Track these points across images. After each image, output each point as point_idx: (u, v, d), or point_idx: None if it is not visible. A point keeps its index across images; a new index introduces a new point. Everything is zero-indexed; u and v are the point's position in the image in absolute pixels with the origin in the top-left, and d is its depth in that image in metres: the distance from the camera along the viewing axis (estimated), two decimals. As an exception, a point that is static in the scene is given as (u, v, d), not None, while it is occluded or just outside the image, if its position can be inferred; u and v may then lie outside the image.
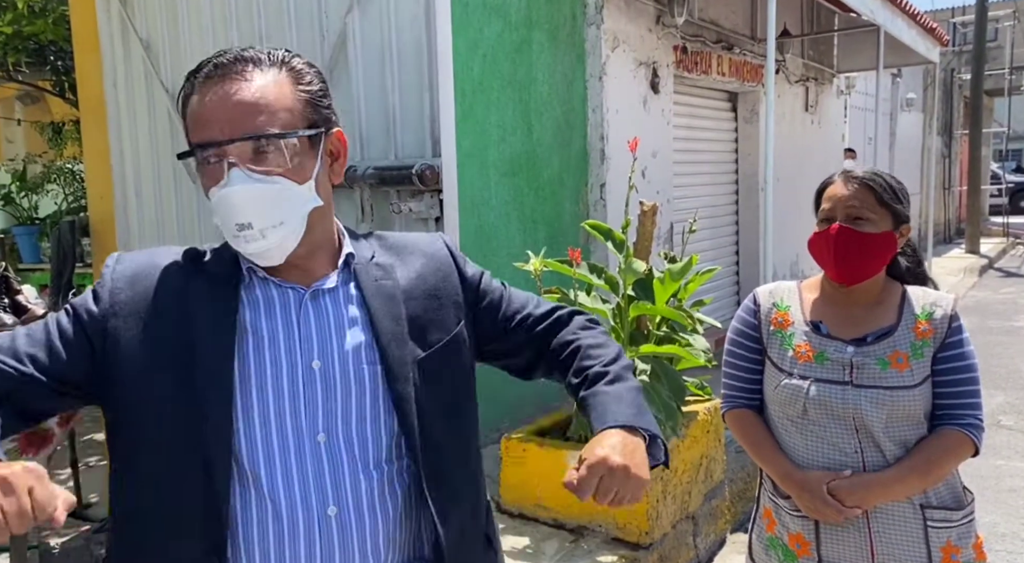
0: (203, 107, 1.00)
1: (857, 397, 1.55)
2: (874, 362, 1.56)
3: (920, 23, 7.58)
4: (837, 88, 9.24)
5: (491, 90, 4.30)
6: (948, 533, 1.56)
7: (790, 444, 1.64)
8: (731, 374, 1.74)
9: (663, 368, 3.11)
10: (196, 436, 0.97)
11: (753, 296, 1.74)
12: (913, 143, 13.67)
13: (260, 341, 1.01)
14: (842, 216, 1.56)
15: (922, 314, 1.58)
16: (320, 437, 1.00)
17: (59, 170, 5.52)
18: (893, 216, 1.58)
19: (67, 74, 5.07)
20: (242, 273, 1.05)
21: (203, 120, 1.00)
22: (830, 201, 1.60)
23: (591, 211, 5.01)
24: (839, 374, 1.58)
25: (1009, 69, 16.36)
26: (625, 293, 3.15)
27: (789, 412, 1.62)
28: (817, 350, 1.60)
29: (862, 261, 1.56)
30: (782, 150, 7.13)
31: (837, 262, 1.57)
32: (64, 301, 2.80)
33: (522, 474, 3.16)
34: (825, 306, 1.65)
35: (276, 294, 1.03)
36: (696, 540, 3.25)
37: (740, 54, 6.77)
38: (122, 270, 1.05)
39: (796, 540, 1.63)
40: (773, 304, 1.69)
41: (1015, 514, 3.67)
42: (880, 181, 1.59)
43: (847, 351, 1.58)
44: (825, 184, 1.65)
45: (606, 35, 4.96)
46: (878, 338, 1.58)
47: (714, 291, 6.67)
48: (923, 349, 1.55)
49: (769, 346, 1.67)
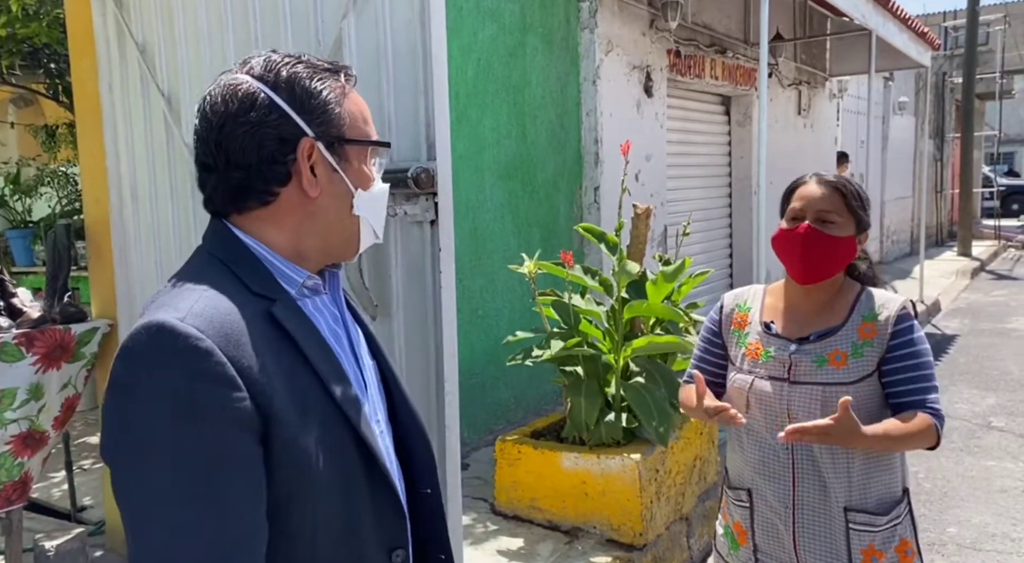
0: (366, 106, 1.03)
1: (791, 392, 1.62)
2: (811, 359, 1.61)
3: (911, 27, 7.64)
4: (830, 92, 9.30)
5: (485, 94, 4.32)
6: (871, 537, 1.60)
7: (736, 443, 1.74)
8: (694, 366, 1.84)
9: (658, 368, 3.13)
10: (354, 461, 0.95)
11: (721, 299, 1.83)
12: (905, 146, 13.74)
13: (339, 351, 1.00)
14: (812, 216, 1.61)
15: (868, 316, 1.62)
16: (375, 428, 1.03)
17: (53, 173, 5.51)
18: (857, 222, 1.63)
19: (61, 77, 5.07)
20: (286, 291, 0.96)
21: (369, 115, 1.03)
22: (801, 200, 1.63)
23: (585, 214, 5.03)
24: (778, 371, 1.64)
25: (1000, 73, 16.47)
26: (619, 295, 3.17)
27: (738, 407, 1.67)
28: (764, 348, 1.68)
29: (824, 262, 1.62)
30: (775, 153, 7.17)
31: (802, 261, 1.62)
32: (59, 304, 2.80)
33: (517, 476, 3.18)
34: (780, 306, 1.72)
35: (321, 305, 1.01)
36: (690, 541, 3.26)
37: (733, 58, 6.81)
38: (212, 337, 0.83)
39: (737, 528, 1.74)
40: (736, 305, 1.78)
41: (1005, 514, 3.70)
42: (850, 187, 1.64)
43: (789, 348, 1.64)
44: (796, 183, 1.68)
45: (600, 39, 4.99)
46: (820, 337, 1.63)
47: (708, 293, 6.69)
48: (864, 349, 1.59)
49: (729, 345, 1.77)
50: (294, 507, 0.88)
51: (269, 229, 0.97)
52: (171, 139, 2.54)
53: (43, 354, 2.60)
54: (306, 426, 0.88)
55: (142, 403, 0.80)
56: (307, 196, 0.95)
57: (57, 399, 2.69)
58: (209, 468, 0.80)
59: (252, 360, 0.85)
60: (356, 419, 0.94)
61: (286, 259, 0.97)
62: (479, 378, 4.28)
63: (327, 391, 0.92)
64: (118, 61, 2.70)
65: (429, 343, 1.87)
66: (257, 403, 0.84)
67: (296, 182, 0.94)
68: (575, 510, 3.06)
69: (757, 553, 1.70)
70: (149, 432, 0.80)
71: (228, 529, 0.80)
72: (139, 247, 2.76)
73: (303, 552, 0.91)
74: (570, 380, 3.13)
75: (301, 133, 0.93)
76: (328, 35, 1.96)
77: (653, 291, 3.13)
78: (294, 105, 0.94)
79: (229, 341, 0.84)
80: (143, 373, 0.81)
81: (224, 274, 0.92)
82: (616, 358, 3.12)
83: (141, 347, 0.82)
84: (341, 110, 0.97)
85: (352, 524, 0.95)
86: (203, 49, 2.35)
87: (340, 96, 0.97)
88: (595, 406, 3.06)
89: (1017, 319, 8.46)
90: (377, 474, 0.97)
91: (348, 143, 0.97)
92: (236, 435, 0.82)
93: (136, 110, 2.66)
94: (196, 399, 0.80)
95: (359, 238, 1.02)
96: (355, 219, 1.00)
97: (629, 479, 2.93)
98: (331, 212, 0.98)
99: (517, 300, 4.50)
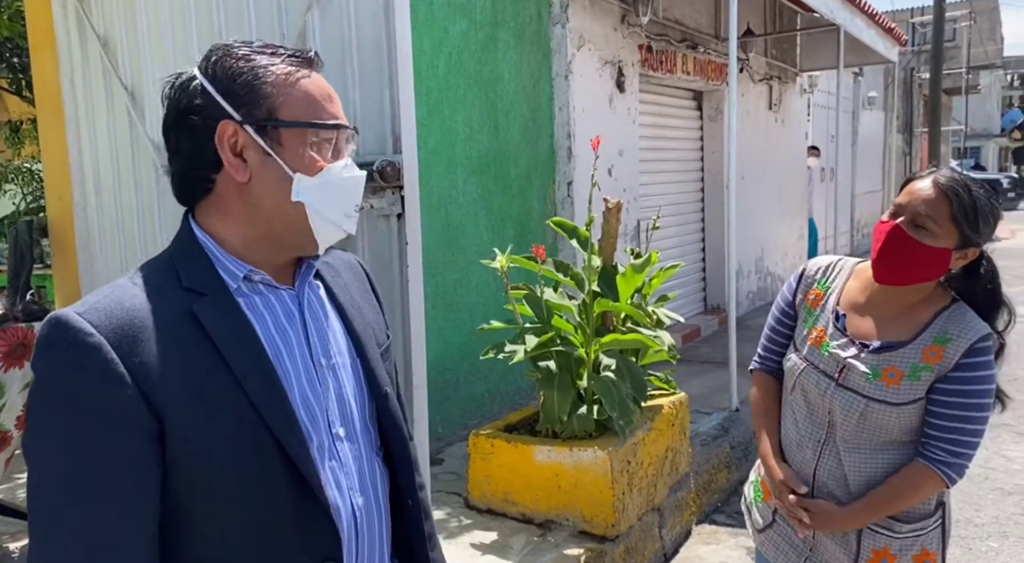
0: (320, 89, 0.96)
1: (836, 395, 1.58)
2: (866, 369, 1.55)
3: (879, 23, 7.75)
4: (800, 87, 9.41)
5: (457, 88, 4.31)
6: (887, 541, 1.58)
7: (787, 410, 1.73)
8: (766, 335, 1.81)
9: (626, 364, 3.15)
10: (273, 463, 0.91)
11: (804, 266, 1.75)
12: (875, 141, 13.96)
13: (284, 350, 0.96)
14: (908, 216, 1.49)
15: (940, 338, 1.51)
16: (339, 431, 1.00)
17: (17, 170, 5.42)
18: (960, 235, 1.47)
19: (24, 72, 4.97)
20: (226, 283, 0.94)
21: (331, 100, 0.97)
22: (908, 196, 1.51)
23: (559, 209, 5.04)
24: (831, 368, 1.60)
25: (966, 68, 16.80)
26: (590, 289, 3.18)
27: (786, 384, 1.71)
28: (826, 340, 1.62)
29: (903, 267, 1.50)
30: (746, 148, 7.25)
31: (880, 259, 1.53)
32: (22, 301, 2.75)
33: (490, 470, 3.18)
34: (859, 299, 1.62)
35: (273, 299, 0.98)
36: (662, 532, 3.29)
37: (704, 53, 6.86)
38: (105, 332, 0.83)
39: (764, 485, 1.78)
40: (815, 280, 1.70)
41: (969, 500, 3.78)
42: (965, 198, 1.46)
43: (848, 351, 1.58)
44: (915, 175, 1.56)
45: (571, 34, 5.00)
46: (882, 349, 1.55)
47: (680, 287, 6.76)
48: (922, 372, 1.50)
49: (798, 317, 1.73)
50: (197, 506, 0.88)
51: (216, 220, 0.96)
52: (135, 133, 2.51)
53: (5, 352, 2.56)
54: (210, 425, 0.87)
55: (39, 392, 0.84)
56: (238, 182, 0.93)
57: (20, 398, 2.65)
58: (88, 463, 0.82)
59: (148, 357, 0.85)
60: (274, 420, 0.90)
61: (228, 252, 0.95)
62: (453, 373, 4.28)
63: (243, 392, 0.89)
64: (79, 55, 2.66)
65: (397, 337, 1.86)
66: (149, 400, 0.84)
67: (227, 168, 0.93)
68: (548, 503, 3.07)
69: (776, 515, 1.74)
70: (41, 419, 0.83)
71: (97, 527, 0.81)
72: (103, 243, 2.72)
73: (212, 551, 0.89)
74: (543, 374, 3.14)
75: (224, 116, 0.92)
76: (292, 28, 1.94)
77: (623, 284, 3.15)
78: (220, 87, 0.92)
79: (124, 337, 0.84)
80: (40, 363, 0.84)
81: (162, 269, 0.93)
82: (588, 352, 3.14)
83: (41, 339, 0.85)
84: (275, 91, 0.93)
85: (271, 529, 0.91)
86: (166, 42, 2.32)
87: (280, 78, 0.93)
88: (567, 399, 3.08)
89: (983, 310, 8.64)
90: (302, 481, 0.92)
91: (282, 125, 0.93)
92: (119, 431, 0.83)
93: (99, 104, 2.62)
94: (79, 392, 0.82)
95: (311, 228, 0.96)
96: (298, 207, 0.94)
97: (601, 471, 2.95)
98: (267, 199, 0.94)
99: (491, 295, 4.50)
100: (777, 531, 1.74)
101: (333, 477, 0.97)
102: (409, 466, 1.11)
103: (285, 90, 0.94)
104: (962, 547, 3.29)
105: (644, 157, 6.05)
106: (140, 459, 0.84)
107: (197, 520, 0.88)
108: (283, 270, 1.01)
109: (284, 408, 0.92)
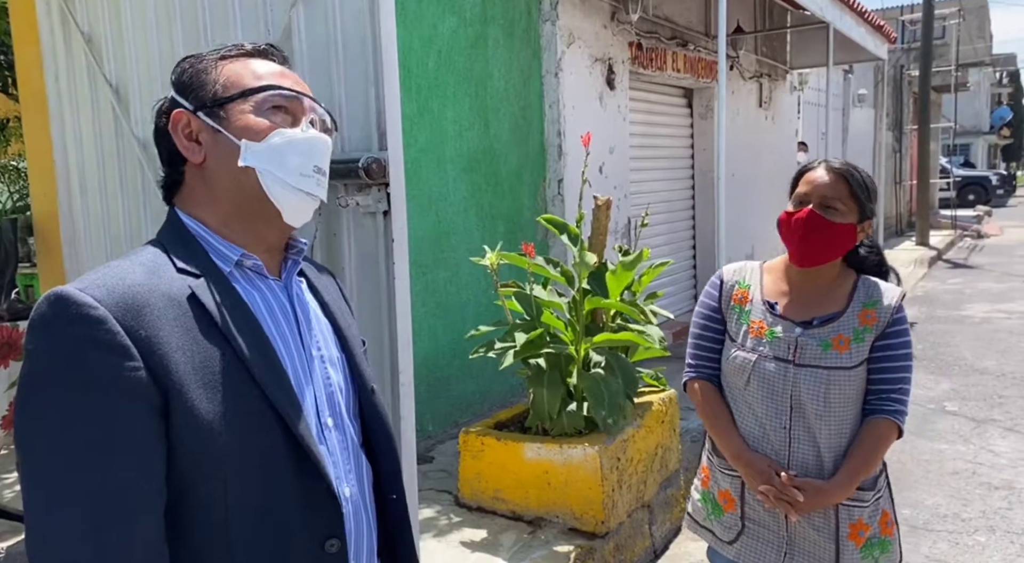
0: (268, 68, 1.02)
1: (797, 375, 1.66)
2: (816, 343, 1.66)
3: (868, 20, 7.78)
4: (790, 84, 9.43)
5: (447, 86, 4.30)
6: (860, 512, 1.67)
7: (732, 412, 1.77)
8: (695, 344, 1.85)
9: (617, 360, 3.15)
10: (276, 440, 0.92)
11: (719, 273, 1.85)
12: (865, 138, 14.01)
13: (278, 336, 0.98)
14: (816, 201, 1.64)
15: (868, 302, 1.68)
16: (328, 421, 1.01)
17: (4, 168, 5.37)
18: (860, 210, 1.66)
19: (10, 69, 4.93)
20: (219, 267, 0.96)
21: (274, 74, 1.02)
22: (808, 185, 1.67)
23: (549, 206, 5.04)
24: (784, 352, 1.68)
25: (956, 66, 16.87)
26: (580, 286, 3.18)
27: (736, 382, 1.74)
28: (768, 327, 1.71)
29: (822, 247, 1.65)
30: (736, 145, 7.26)
31: (801, 244, 1.66)
32: (7, 300, 2.73)
33: (480, 468, 3.18)
34: (782, 287, 1.75)
35: (264, 287, 1.00)
36: (652, 528, 3.30)
37: (695, 51, 6.87)
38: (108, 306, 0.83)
39: (724, 496, 1.78)
40: (736, 282, 1.80)
41: (956, 495, 3.80)
42: (857, 176, 1.66)
43: (794, 331, 1.68)
44: (805, 168, 1.72)
45: (561, 31, 4.99)
46: (824, 322, 1.68)
47: (671, 284, 6.77)
48: (864, 335, 1.65)
49: (728, 320, 1.79)
50: (200, 484, 0.88)
51: (194, 206, 1.00)
52: (120, 131, 2.49)
53: (-11, 352, 2.54)
54: (215, 401, 0.87)
55: (37, 369, 0.82)
56: (196, 165, 0.99)
57: (5, 398, 2.63)
58: (94, 438, 0.80)
59: (153, 332, 0.85)
60: (277, 398, 0.92)
61: (219, 235, 0.98)
62: (443, 371, 4.27)
63: (246, 369, 0.91)
64: (63, 51, 2.64)
65: (383, 334, 1.86)
66: (155, 375, 0.84)
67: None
68: (538, 500, 3.07)
69: (745, 520, 1.74)
70: (41, 397, 0.81)
71: (105, 501, 0.80)
72: (89, 241, 2.70)
73: (216, 529, 0.89)
74: (533, 371, 3.14)
75: (177, 108, 1.00)
76: (277, 24, 1.93)
77: (613, 281, 3.15)
78: (177, 89, 1.02)
79: (128, 311, 0.84)
80: (39, 340, 0.83)
81: (155, 254, 0.95)
82: (578, 349, 3.14)
83: (39, 315, 0.84)
84: (215, 75, 1.00)
85: (274, 507, 0.92)
86: (151, 38, 2.30)
87: (223, 64, 1.01)
88: (557, 396, 3.07)
89: (972, 306, 8.70)
90: (304, 458, 0.94)
91: (223, 102, 0.98)
92: (125, 404, 0.82)
93: (83, 101, 2.60)
94: (85, 366, 0.81)
95: (268, 196, 0.98)
96: (248, 172, 0.97)
97: (591, 468, 2.95)
98: (222, 172, 0.98)
99: (482, 293, 4.49)
100: (749, 536, 1.74)
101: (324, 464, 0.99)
102: (395, 460, 1.12)
103: (227, 71, 1.00)
104: (949, 542, 3.31)
105: (635, 155, 6.06)
106: (149, 433, 0.83)
107: (201, 498, 0.88)
108: (270, 261, 1.03)
109: (286, 386, 0.94)
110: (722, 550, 1.80)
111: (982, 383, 5.70)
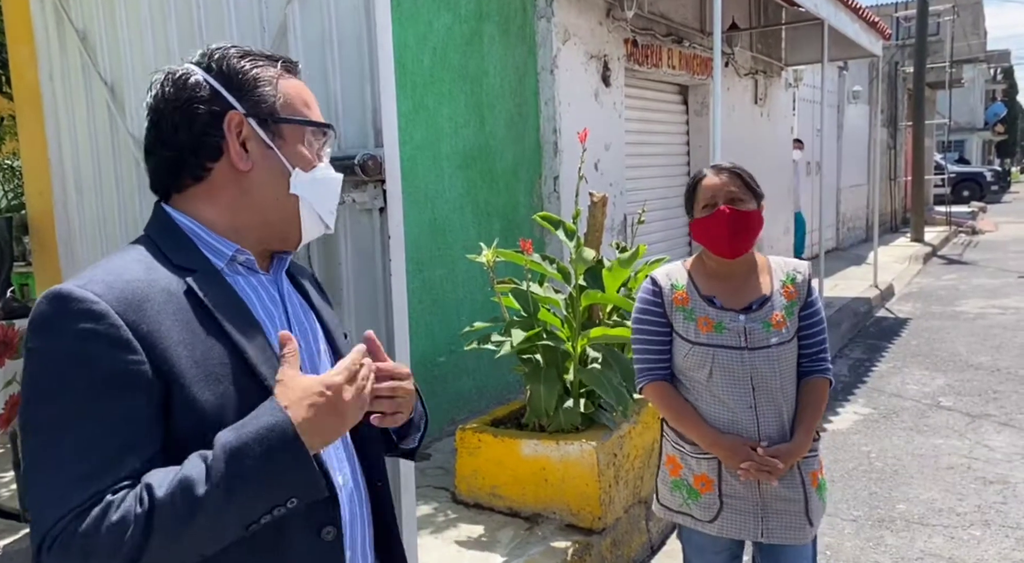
0: (310, 95, 1.05)
1: (753, 358, 1.83)
2: (760, 326, 1.84)
3: (863, 17, 7.78)
4: (785, 81, 9.44)
5: (442, 82, 4.30)
6: (813, 462, 1.91)
7: (696, 405, 1.90)
8: (643, 349, 1.95)
9: (614, 355, 3.16)
10: None
11: (651, 279, 1.97)
12: (860, 134, 14.03)
13: (271, 329, 1.00)
14: (725, 200, 1.82)
15: (786, 279, 1.90)
16: None
17: (-2, 166, 5.35)
18: (756, 197, 1.87)
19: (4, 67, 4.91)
20: (212, 262, 0.98)
21: (316, 105, 1.05)
22: (710, 190, 1.85)
23: (545, 203, 5.04)
24: (736, 340, 1.84)
25: (950, 62, 16.89)
26: (577, 282, 3.19)
27: (698, 376, 1.87)
28: (715, 321, 1.86)
29: (746, 235, 1.84)
30: (732, 142, 7.26)
31: (731, 239, 1.82)
32: (2, 299, 2.73)
33: (477, 464, 3.19)
34: (713, 282, 1.90)
35: (256, 283, 1.02)
36: (648, 524, 3.31)
37: (690, 47, 6.87)
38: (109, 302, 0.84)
39: (700, 480, 1.90)
40: (672, 285, 1.93)
41: (951, 490, 3.82)
42: (742, 170, 1.88)
43: (739, 320, 1.85)
44: (698, 178, 1.90)
45: (557, 28, 4.99)
46: (760, 304, 1.86)
47: (668, 281, 6.78)
48: (792, 308, 1.87)
49: (674, 321, 1.91)
50: None
51: (203, 205, 0.99)
52: (115, 129, 2.48)
53: (-15, 351, 2.53)
54: (214, 392, 0.89)
55: (41, 366, 0.83)
56: (239, 170, 0.98)
57: (1, 396, 2.62)
58: (98, 430, 0.82)
59: (154, 326, 0.86)
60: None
61: (214, 233, 0.99)
62: (440, 368, 4.27)
63: (244, 361, 0.92)
64: (58, 49, 2.63)
65: (380, 331, 1.86)
66: (157, 368, 0.85)
67: (228, 157, 0.98)
68: (535, 496, 3.08)
69: (723, 497, 1.86)
70: (45, 393, 0.83)
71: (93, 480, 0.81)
72: (85, 240, 2.69)
73: None
74: (529, 368, 3.15)
75: (230, 108, 0.97)
76: (272, 21, 1.93)
77: (609, 278, 3.16)
78: (223, 82, 0.98)
79: (129, 306, 0.85)
80: (41, 336, 0.84)
81: (147, 250, 0.95)
82: (574, 345, 3.14)
83: (40, 314, 0.85)
84: (274, 89, 1.00)
85: None
86: (146, 36, 2.29)
87: (274, 77, 1.01)
88: (554, 393, 3.08)
89: (966, 302, 8.72)
90: None
91: (282, 121, 1.00)
92: (128, 397, 0.83)
93: (78, 99, 2.59)
94: (89, 361, 0.82)
95: (300, 221, 1.02)
96: (293, 199, 1.01)
97: (587, 464, 2.96)
98: (267, 188, 1.00)
99: (478, 290, 4.50)
100: (729, 510, 1.86)
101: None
102: (379, 450, 1.14)
103: (283, 90, 1.01)
104: (944, 536, 3.32)
105: (630, 151, 6.06)
106: (151, 426, 0.85)
107: None
108: (261, 259, 1.05)
109: None
110: (703, 529, 1.91)
111: (977, 378, 5.72)
